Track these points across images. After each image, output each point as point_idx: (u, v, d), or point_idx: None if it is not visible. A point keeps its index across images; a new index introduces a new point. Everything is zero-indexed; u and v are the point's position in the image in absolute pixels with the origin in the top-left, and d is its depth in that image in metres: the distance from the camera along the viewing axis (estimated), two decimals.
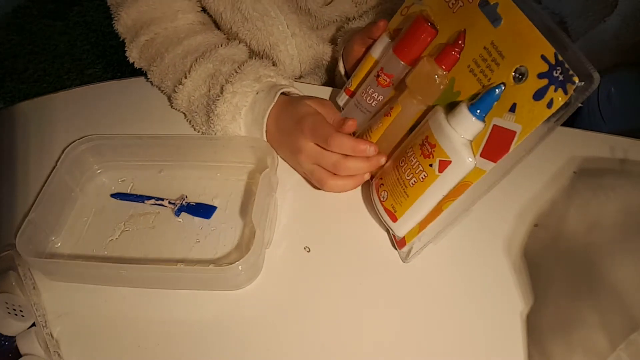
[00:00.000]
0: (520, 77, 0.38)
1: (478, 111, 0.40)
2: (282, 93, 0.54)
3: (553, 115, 0.36)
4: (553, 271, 0.46)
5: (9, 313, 0.42)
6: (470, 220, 0.50)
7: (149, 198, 0.53)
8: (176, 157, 0.55)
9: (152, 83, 0.64)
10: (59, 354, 0.42)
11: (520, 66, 0.38)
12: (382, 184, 0.48)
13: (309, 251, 0.49)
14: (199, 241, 0.50)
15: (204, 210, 0.52)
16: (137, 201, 0.53)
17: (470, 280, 0.46)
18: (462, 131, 0.40)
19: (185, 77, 0.57)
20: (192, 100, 0.58)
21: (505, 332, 0.43)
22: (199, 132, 0.59)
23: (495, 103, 0.39)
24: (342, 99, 0.57)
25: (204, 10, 0.65)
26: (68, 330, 0.44)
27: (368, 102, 0.52)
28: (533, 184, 0.53)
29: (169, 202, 0.52)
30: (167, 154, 0.55)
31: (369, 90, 0.52)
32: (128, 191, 0.55)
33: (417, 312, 0.44)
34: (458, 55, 0.44)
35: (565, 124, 0.59)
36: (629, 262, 0.44)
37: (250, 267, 0.45)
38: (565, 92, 0.36)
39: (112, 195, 0.54)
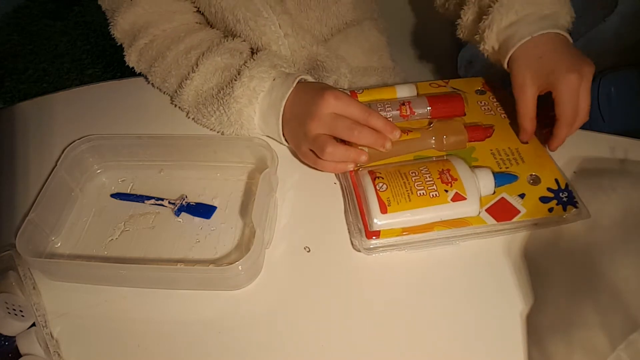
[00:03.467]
0: (532, 182, 0.50)
1: (496, 181, 0.49)
2: (299, 81, 0.54)
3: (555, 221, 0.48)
4: (553, 271, 0.46)
5: (9, 313, 0.42)
6: None
7: (149, 198, 0.53)
8: (176, 157, 0.55)
9: (153, 85, 0.64)
10: (59, 354, 0.42)
11: (534, 174, 0.51)
12: (382, 177, 0.50)
13: (309, 251, 0.49)
14: (198, 241, 0.50)
15: (203, 210, 0.52)
16: (137, 201, 0.53)
17: (470, 280, 0.46)
18: (482, 186, 0.49)
19: (193, 71, 0.57)
20: (200, 94, 0.58)
21: (505, 332, 0.43)
22: (205, 125, 0.59)
23: (509, 184, 0.50)
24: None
25: (198, 10, 0.65)
26: (68, 330, 0.44)
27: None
28: None
29: (169, 202, 0.52)
30: (167, 154, 0.55)
31: (386, 108, 0.57)
32: (128, 191, 0.55)
33: (417, 312, 0.44)
34: (483, 137, 0.55)
35: None
36: (629, 262, 0.44)
37: (250, 267, 0.45)
38: (565, 210, 0.48)
39: (112, 195, 0.54)
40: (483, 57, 0.58)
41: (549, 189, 0.49)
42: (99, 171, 0.56)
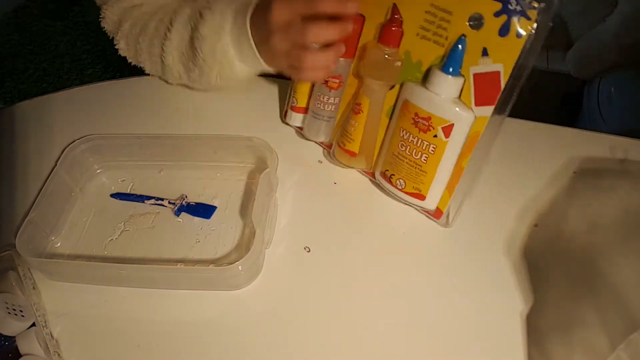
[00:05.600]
0: (476, 23, 0.40)
1: (451, 69, 0.41)
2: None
3: (533, 41, 0.38)
4: (553, 271, 0.46)
5: (9, 313, 0.42)
6: (470, 220, 0.50)
7: (149, 198, 0.53)
8: (176, 157, 0.55)
9: (148, 73, 0.63)
10: (59, 354, 0.42)
11: (473, 14, 0.40)
12: (393, 175, 0.49)
13: (309, 251, 0.49)
14: (199, 241, 0.50)
15: (203, 210, 0.52)
16: (137, 201, 0.53)
17: (470, 280, 0.46)
18: (446, 93, 0.42)
19: (169, 31, 0.57)
20: (183, 52, 0.57)
21: (505, 332, 0.43)
22: (197, 85, 0.59)
23: (465, 54, 0.41)
24: (295, 118, 0.58)
25: None
26: (68, 330, 0.44)
27: (327, 109, 0.53)
28: (533, 184, 0.53)
29: (169, 202, 0.52)
30: (167, 154, 0.55)
31: (323, 98, 0.52)
32: (128, 191, 0.55)
33: (416, 312, 0.44)
34: (400, 29, 0.45)
35: (565, 124, 0.59)
36: (629, 262, 0.44)
37: (250, 267, 0.45)
38: (529, 18, 0.37)
39: (112, 195, 0.54)
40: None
41: (496, 14, 0.39)
42: (99, 171, 0.56)
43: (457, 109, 0.42)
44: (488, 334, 0.43)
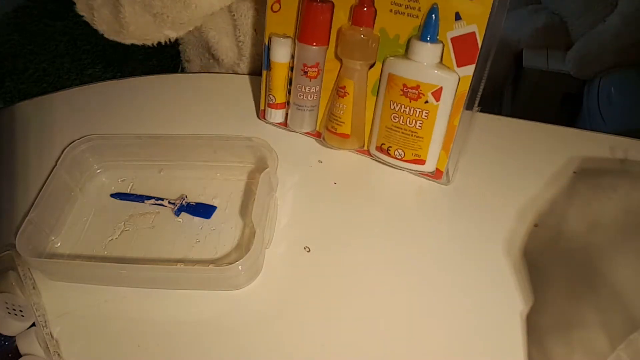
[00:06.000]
0: None
1: (429, 37, 0.44)
2: None
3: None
4: (553, 271, 0.46)
5: (9, 313, 0.42)
6: (470, 220, 0.51)
7: (149, 198, 0.53)
8: (176, 157, 0.55)
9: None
10: (59, 354, 0.42)
11: None
12: (390, 147, 0.51)
13: (309, 251, 0.49)
14: (198, 241, 0.50)
15: (203, 210, 0.52)
16: (137, 201, 0.53)
17: (470, 280, 0.46)
18: (429, 59, 0.45)
19: None
20: None
21: (505, 332, 0.43)
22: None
23: (440, 22, 0.44)
24: (275, 115, 0.58)
25: None
26: (68, 330, 0.44)
27: (309, 99, 0.54)
28: (533, 184, 0.53)
29: (169, 202, 0.53)
30: (167, 154, 0.55)
31: (303, 88, 0.53)
32: (128, 191, 0.55)
33: (416, 312, 0.44)
34: (372, 8, 0.47)
35: (565, 124, 0.60)
36: (629, 262, 0.44)
37: (250, 267, 0.45)
38: None
39: (112, 195, 0.54)
40: None
41: None
42: (98, 171, 0.56)
43: (442, 72, 0.45)
44: (488, 333, 0.43)
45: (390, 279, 0.46)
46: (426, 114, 0.47)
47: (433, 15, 0.44)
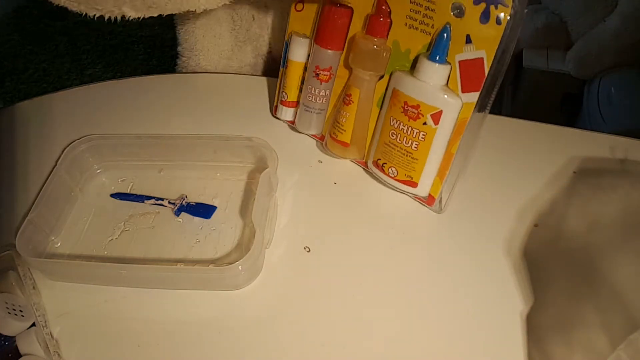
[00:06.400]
0: (458, 12, 0.41)
1: (437, 57, 0.43)
2: None
3: (512, 26, 0.39)
4: (553, 271, 0.46)
5: (9, 313, 0.42)
6: (470, 220, 0.51)
7: (149, 198, 0.53)
8: (176, 157, 0.55)
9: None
10: (59, 354, 0.42)
11: (454, 2, 0.41)
12: (385, 163, 0.50)
13: (309, 251, 0.49)
14: (198, 241, 0.50)
15: (203, 210, 0.52)
16: (137, 201, 0.53)
17: (470, 280, 0.46)
18: (434, 80, 0.43)
19: None
20: None
21: (505, 332, 0.43)
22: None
23: (450, 43, 0.42)
24: (285, 112, 0.58)
25: None
26: (68, 330, 0.44)
27: (318, 102, 0.54)
28: (533, 184, 0.53)
29: (169, 202, 0.52)
30: (167, 154, 0.55)
31: (313, 90, 0.53)
32: (128, 191, 0.55)
33: (416, 312, 0.44)
34: (388, 19, 0.46)
35: (565, 124, 0.60)
36: (629, 262, 0.44)
37: (250, 267, 0.45)
38: (505, 5, 0.39)
39: (112, 195, 0.54)
40: None
41: (475, 2, 0.40)
42: (98, 171, 0.56)
43: (445, 96, 0.43)
44: (488, 334, 0.43)
45: (390, 278, 0.46)
46: (423, 136, 0.46)
47: (445, 35, 0.42)
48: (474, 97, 0.43)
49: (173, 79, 0.69)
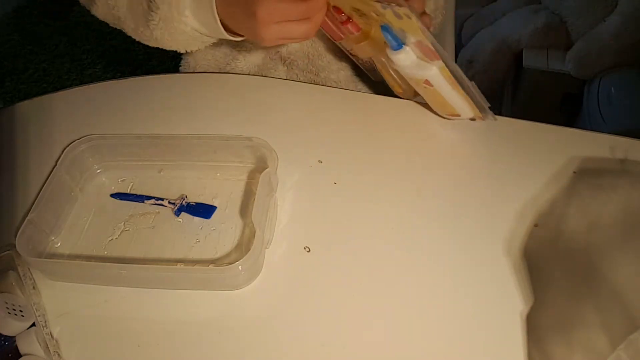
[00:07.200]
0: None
1: (395, 44, 0.50)
2: None
3: None
4: (553, 271, 0.46)
5: (9, 313, 0.42)
6: (470, 220, 0.50)
7: (149, 198, 0.53)
8: (176, 157, 0.55)
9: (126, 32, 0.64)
10: (58, 354, 0.42)
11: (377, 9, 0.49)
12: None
13: (309, 251, 0.49)
14: (198, 241, 0.50)
15: (203, 210, 0.52)
16: (137, 201, 0.53)
17: (470, 280, 0.46)
18: (406, 61, 0.51)
19: None
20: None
21: (505, 332, 0.43)
22: (136, 30, 0.60)
23: (400, 31, 0.49)
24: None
25: None
26: (68, 330, 0.44)
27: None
28: (533, 184, 0.53)
29: (169, 202, 0.52)
30: (167, 154, 0.55)
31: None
32: (128, 191, 0.55)
33: (416, 312, 0.44)
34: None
35: (565, 124, 0.59)
36: (629, 262, 0.44)
37: (250, 267, 0.45)
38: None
39: (112, 195, 0.54)
40: (483, 57, 0.59)
41: (383, 7, 0.48)
42: (98, 171, 0.56)
43: (421, 69, 0.51)
44: (488, 334, 0.43)
45: (390, 278, 0.46)
46: (432, 92, 0.54)
47: (387, 33, 0.49)
48: (440, 62, 0.50)
49: (173, 79, 0.69)
